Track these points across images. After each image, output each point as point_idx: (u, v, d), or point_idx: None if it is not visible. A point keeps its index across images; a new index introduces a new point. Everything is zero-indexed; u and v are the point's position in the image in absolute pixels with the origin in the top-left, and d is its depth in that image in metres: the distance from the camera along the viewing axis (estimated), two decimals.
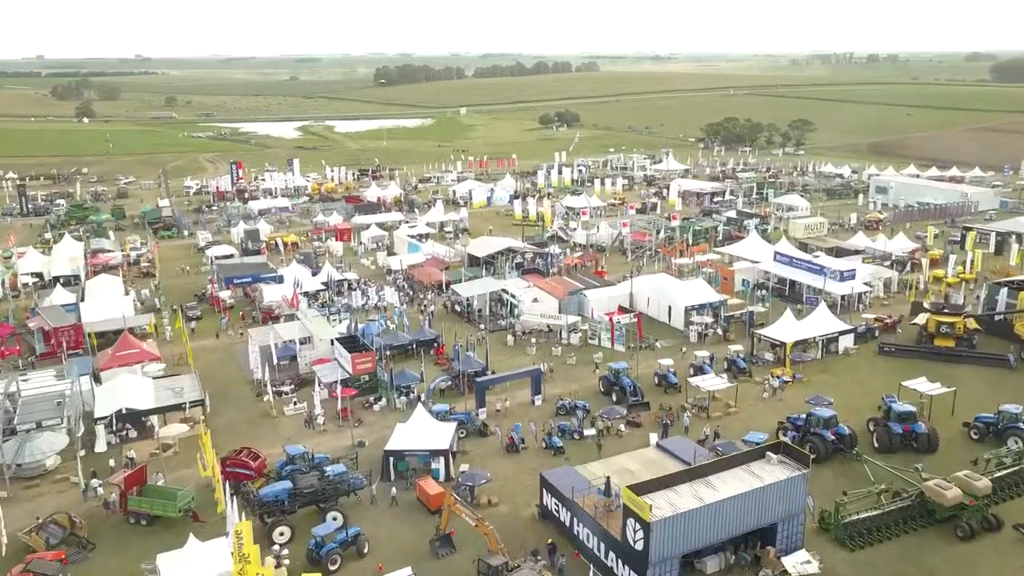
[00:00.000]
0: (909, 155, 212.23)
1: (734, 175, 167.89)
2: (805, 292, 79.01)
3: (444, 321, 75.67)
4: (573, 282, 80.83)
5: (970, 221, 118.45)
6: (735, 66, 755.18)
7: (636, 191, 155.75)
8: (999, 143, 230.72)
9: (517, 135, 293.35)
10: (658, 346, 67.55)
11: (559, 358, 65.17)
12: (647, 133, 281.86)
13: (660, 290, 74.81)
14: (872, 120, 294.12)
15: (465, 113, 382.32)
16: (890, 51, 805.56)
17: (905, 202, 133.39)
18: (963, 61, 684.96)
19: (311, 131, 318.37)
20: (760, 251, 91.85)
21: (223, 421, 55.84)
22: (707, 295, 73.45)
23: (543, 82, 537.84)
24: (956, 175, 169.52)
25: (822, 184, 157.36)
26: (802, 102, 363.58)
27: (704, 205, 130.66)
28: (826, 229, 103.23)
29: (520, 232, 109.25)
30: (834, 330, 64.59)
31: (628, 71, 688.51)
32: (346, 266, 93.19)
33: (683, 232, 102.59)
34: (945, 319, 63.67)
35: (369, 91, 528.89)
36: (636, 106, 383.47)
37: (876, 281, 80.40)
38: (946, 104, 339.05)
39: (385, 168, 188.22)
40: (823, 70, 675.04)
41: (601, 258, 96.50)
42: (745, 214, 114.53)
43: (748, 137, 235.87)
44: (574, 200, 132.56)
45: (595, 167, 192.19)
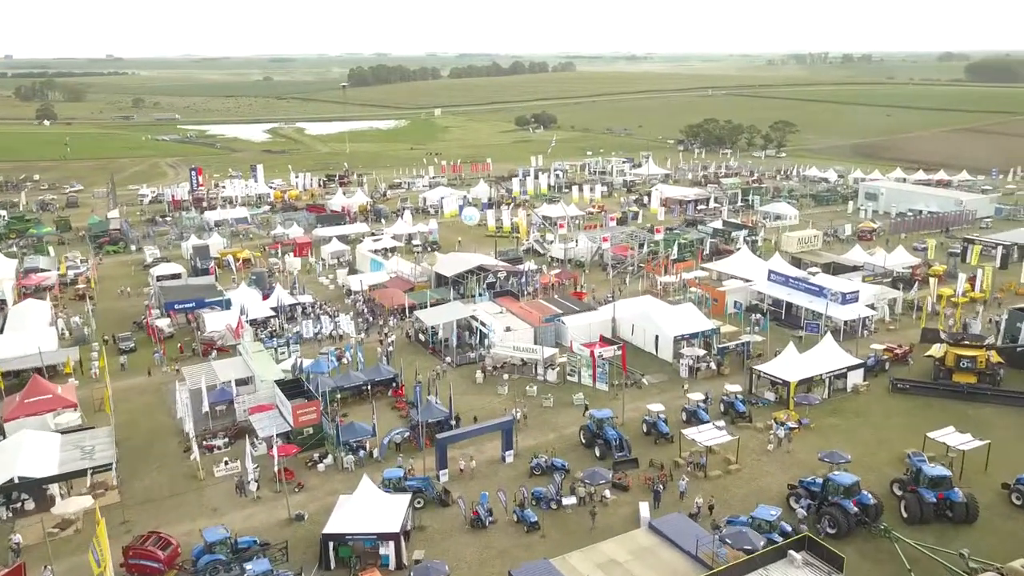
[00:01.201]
0: (893, 157, 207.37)
1: (717, 180, 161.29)
2: (804, 316, 72.13)
3: (406, 353, 67.84)
4: (550, 306, 73.28)
5: (966, 231, 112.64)
6: (711, 66, 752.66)
7: (615, 198, 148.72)
8: (982, 145, 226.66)
9: (493, 137, 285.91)
10: (645, 383, 60.22)
11: (534, 399, 57.59)
12: (625, 135, 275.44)
13: (646, 316, 67.49)
14: (852, 121, 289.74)
15: (440, 114, 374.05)
16: (863, 51, 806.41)
17: (897, 209, 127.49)
18: (936, 61, 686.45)
19: (281, 134, 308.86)
20: (751, 268, 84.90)
21: (142, 485, 47.72)
22: (697, 322, 66.19)
23: (519, 82, 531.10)
24: (943, 178, 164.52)
25: (808, 189, 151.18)
26: (781, 102, 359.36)
27: (688, 214, 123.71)
28: (820, 242, 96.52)
29: (493, 245, 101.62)
30: (842, 365, 57.53)
31: (604, 71, 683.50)
32: (300, 287, 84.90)
33: (667, 246, 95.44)
34: (965, 352, 56.86)
35: (343, 92, 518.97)
36: (613, 107, 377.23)
37: (880, 303, 73.61)
38: (924, 104, 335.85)
39: (353, 173, 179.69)
40: (799, 70, 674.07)
41: (580, 275, 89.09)
42: (733, 225, 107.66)
43: (729, 139, 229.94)
44: (551, 209, 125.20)
45: (573, 171, 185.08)
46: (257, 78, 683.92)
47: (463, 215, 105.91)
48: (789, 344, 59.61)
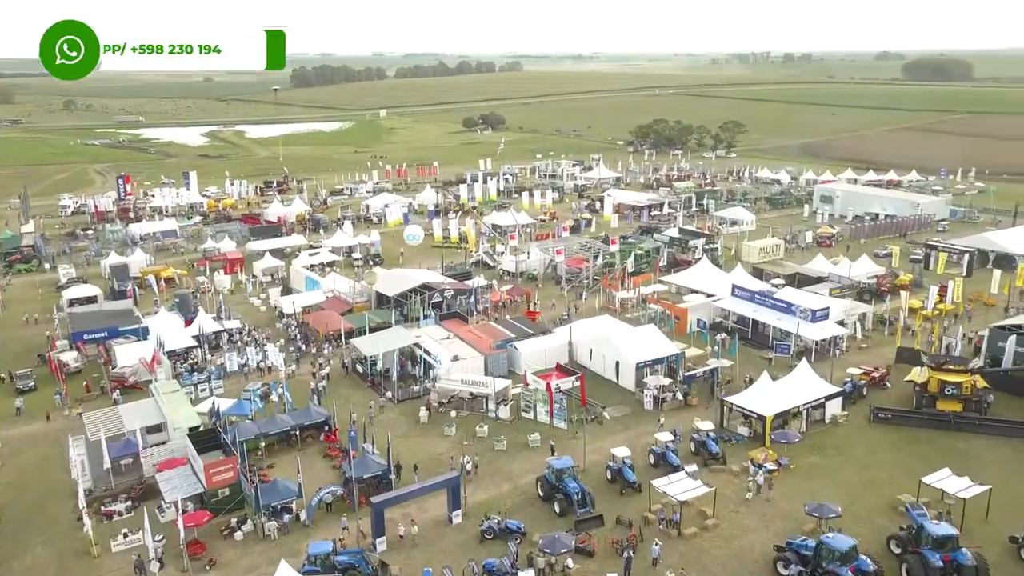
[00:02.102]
0: (841, 157, 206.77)
1: (670, 183, 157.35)
2: (772, 335, 67.60)
3: (342, 386, 61.35)
4: (501, 329, 67.37)
5: (924, 235, 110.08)
6: (657, 65, 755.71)
7: (567, 203, 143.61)
8: (925, 143, 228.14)
9: (440, 139, 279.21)
10: (607, 417, 54.80)
11: (485, 442, 51.65)
12: (575, 136, 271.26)
13: (605, 340, 62.10)
14: (799, 120, 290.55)
15: (385, 116, 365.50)
16: (804, 50, 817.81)
17: (853, 212, 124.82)
18: (874, 60, 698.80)
19: (219, 137, 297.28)
20: (713, 281, 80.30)
21: (21, 566, 40.49)
22: (661, 346, 60.99)
23: (467, 82, 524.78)
24: (894, 179, 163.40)
25: (762, 192, 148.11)
26: (728, 102, 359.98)
27: (642, 221, 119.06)
28: (783, 251, 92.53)
29: (439, 259, 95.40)
30: (820, 395, 52.86)
31: (552, 71, 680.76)
32: (226, 311, 77.49)
33: (623, 257, 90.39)
34: (950, 377, 52.66)
35: (286, 93, 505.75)
36: (562, 107, 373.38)
37: (850, 319, 69.47)
38: (866, 103, 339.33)
39: (292, 179, 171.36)
40: (743, 69, 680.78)
41: (533, 291, 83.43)
42: (690, 232, 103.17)
43: (679, 139, 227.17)
44: (500, 216, 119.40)
45: (522, 175, 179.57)
46: (197, 79, 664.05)
47: (406, 234, 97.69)
48: (763, 374, 54.66)
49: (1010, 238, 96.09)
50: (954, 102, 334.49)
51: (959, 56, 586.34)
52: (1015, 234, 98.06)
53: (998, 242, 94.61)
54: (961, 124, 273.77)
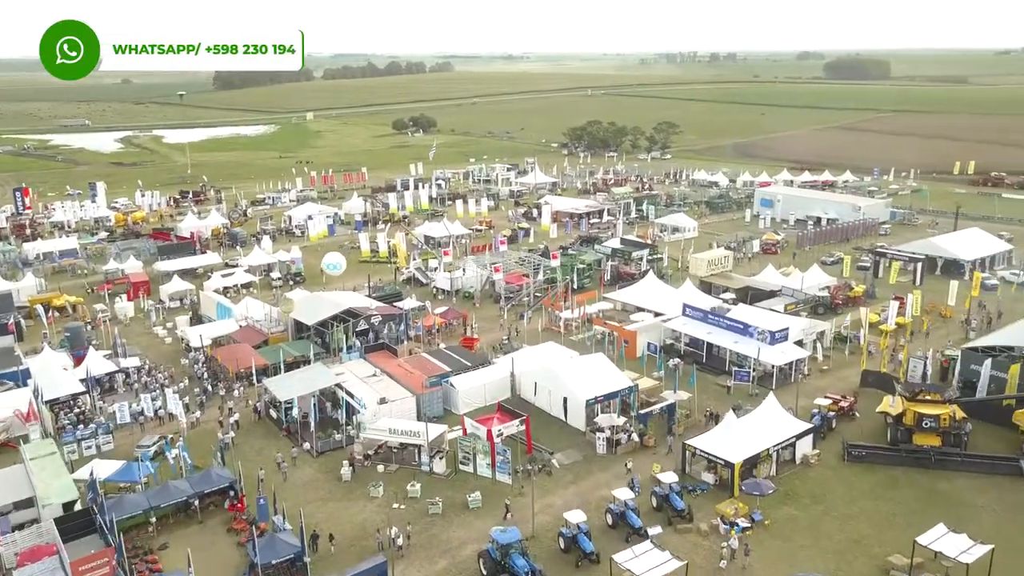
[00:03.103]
0: (774, 157, 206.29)
1: (607, 188, 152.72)
2: (729, 359, 62.65)
3: (253, 436, 53.83)
4: (436, 362, 60.63)
5: (867, 239, 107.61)
6: (588, 65, 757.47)
7: (503, 210, 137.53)
8: (854, 142, 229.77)
9: (369, 142, 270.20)
10: (556, 465, 48.70)
11: (418, 503, 44.94)
12: (508, 138, 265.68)
13: (551, 374, 56.01)
14: (730, 120, 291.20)
15: (312, 118, 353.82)
16: (729, 50, 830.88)
17: (795, 216, 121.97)
18: (795, 60, 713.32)
19: (135, 143, 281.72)
20: (661, 297, 75.26)
21: None
22: (612, 379, 55.21)
23: (396, 83, 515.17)
24: (829, 179, 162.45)
25: (700, 195, 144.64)
26: (659, 102, 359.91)
27: (581, 230, 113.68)
28: (731, 263, 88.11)
29: (367, 276, 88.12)
30: (789, 433, 47.78)
31: (483, 71, 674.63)
32: (124, 346, 68.73)
33: (565, 272, 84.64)
34: (928, 410, 48.19)
35: (209, 96, 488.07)
36: (494, 109, 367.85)
37: (808, 338, 65.03)
38: (792, 103, 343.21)
39: (210, 188, 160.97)
40: (671, 69, 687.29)
41: (470, 312, 76.92)
42: (633, 243, 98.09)
43: (613, 141, 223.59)
44: (433, 227, 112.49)
45: (455, 180, 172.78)
46: (115, 81, 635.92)
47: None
48: (728, 415, 49.31)
49: (956, 243, 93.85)
50: (877, 100, 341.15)
51: (876, 55, 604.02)
52: (960, 238, 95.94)
53: (945, 247, 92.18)
54: (886, 122, 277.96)
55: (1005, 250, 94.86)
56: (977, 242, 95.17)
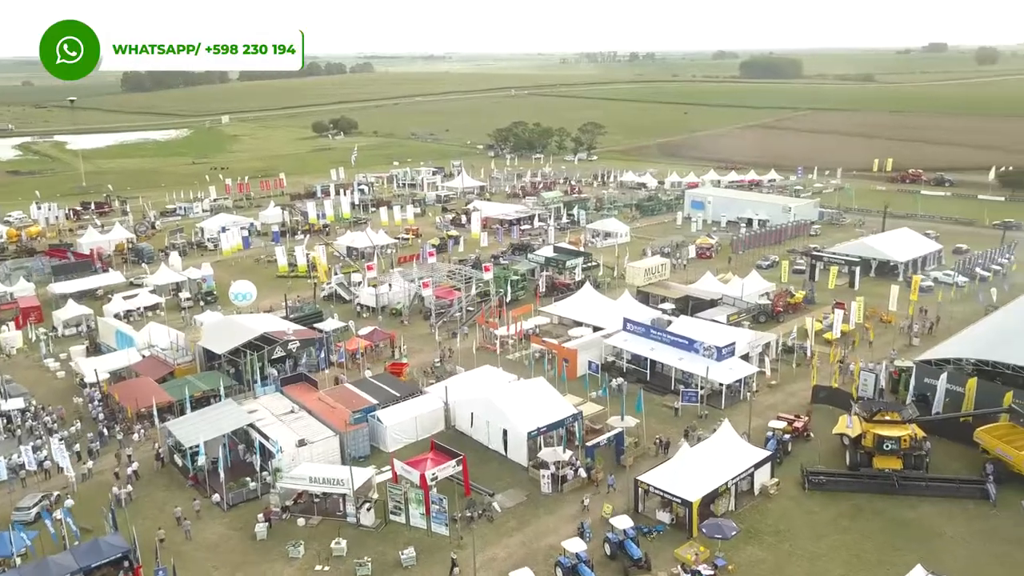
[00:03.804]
0: (699, 156, 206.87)
1: (536, 192, 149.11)
2: (674, 377, 59.36)
3: (155, 487, 47.70)
4: (361, 394, 55.35)
5: (799, 241, 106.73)
6: (510, 65, 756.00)
7: (430, 217, 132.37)
8: (777, 141, 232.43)
9: (288, 145, 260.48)
10: (497, 509, 44.22)
11: (344, 564, 39.81)
12: (432, 140, 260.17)
13: (488, 404, 51.44)
14: (653, 120, 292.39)
15: (228, 122, 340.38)
16: (647, 50, 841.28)
17: (726, 218, 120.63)
18: (711, 59, 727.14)
19: (34, 149, 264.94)
20: (598, 310, 71.63)
21: None
22: (554, 406, 51.09)
23: (316, 84, 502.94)
24: (755, 179, 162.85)
25: (630, 198, 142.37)
26: (582, 102, 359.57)
27: (512, 237, 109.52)
28: (668, 272, 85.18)
29: (286, 294, 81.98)
30: (748, 463, 44.46)
31: (405, 72, 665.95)
32: (7, 384, 61.11)
33: (499, 285, 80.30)
34: (889, 431, 45.60)
35: (116, 98, 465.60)
36: (417, 110, 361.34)
37: (754, 352, 62.30)
38: (712, 101, 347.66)
39: (114, 199, 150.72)
40: (592, 68, 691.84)
41: (398, 333, 71.76)
42: (567, 251, 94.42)
43: (539, 143, 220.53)
44: (356, 237, 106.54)
45: (379, 185, 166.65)
46: (15, 83, 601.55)
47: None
48: (682, 446, 45.67)
49: (888, 244, 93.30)
50: (792, 99, 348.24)
51: (788, 55, 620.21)
52: (892, 239, 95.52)
53: (878, 248, 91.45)
54: (803, 121, 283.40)
55: (935, 250, 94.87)
56: (908, 242, 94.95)
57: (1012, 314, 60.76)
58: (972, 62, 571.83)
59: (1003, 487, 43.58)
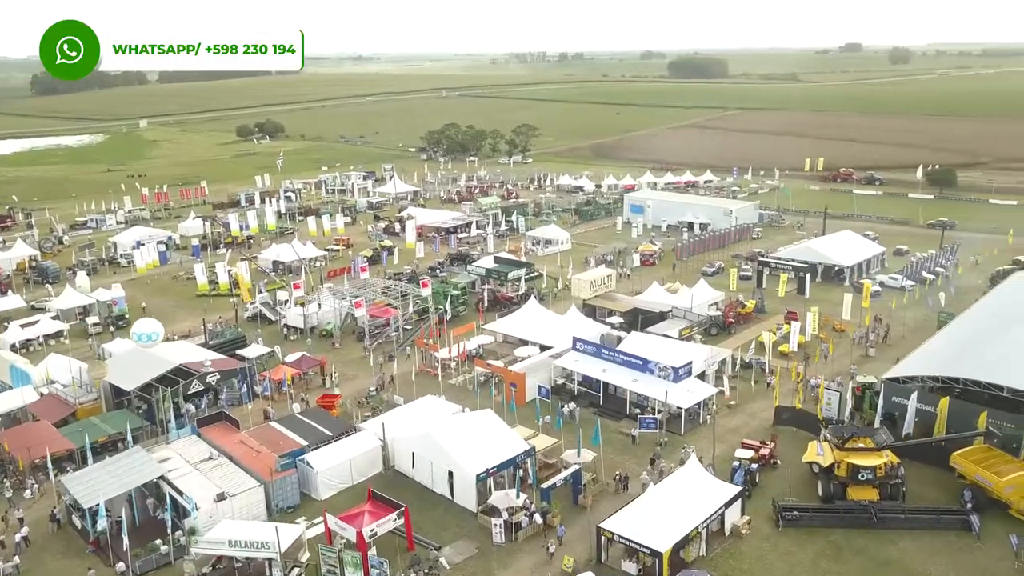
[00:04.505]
0: (634, 158, 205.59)
1: (473, 197, 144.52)
2: (629, 400, 55.61)
3: (50, 554, 41.48)
4: (288, 434, 49.82)
5: (742, 245, 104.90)
6: (439, 66, 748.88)
7: (362, 225, 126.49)
8: (709, 141, 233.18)
9: (210, 151, 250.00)
10: (444, 564, 39.55)
11: None
12: (362, 143, 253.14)
13: (431, 442, 46.61)
14: (585, 121, 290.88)
15: (146, 126, 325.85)
16: (576, 50, 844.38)
17: (667, 223, 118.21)
18: (639, 59, 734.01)
19: None
20: (545, 327, 67.54)
21: None
22: (505, 442, 46.59)
23: (240, 87, 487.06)
24: (691, 180, 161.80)
25: (568, 202, 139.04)
26: (514, 103, 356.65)
27: (450, 246, 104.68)
28: (614, 282, 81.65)
29: (212, 315, 75.53)
30: (718, 502, 40.79)
31: (333, 73, 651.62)
32: None
33: (439, 301, 75.46)
34: (865, 460, 42.60)
35: (25, 102, 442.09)
36: (346, 112, 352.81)
37: (710, 369, 59.07)
38: (642, 101, 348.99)
39: (18, 211, 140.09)
40: (522, 69, 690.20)
41: (328, 360, 66.20)
42: (508, 262, 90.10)
43: (472, 145, 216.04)
44: (283, 250, 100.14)
45: (307, 192, 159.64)
46: None
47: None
48: (648, 489, 41.64)
49: (833, 247, 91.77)
50: (720, 98, 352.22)
51: (713, 55, 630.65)
52: (836, 242, 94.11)
53: (823, 252, 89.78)
54: (733, 120, 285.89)
55: (878, 253, 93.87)
56: (852, 245, 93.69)
57: (973, 325, 58.46)
58: (886, 62, 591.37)
59: (985, 516, 41.01)
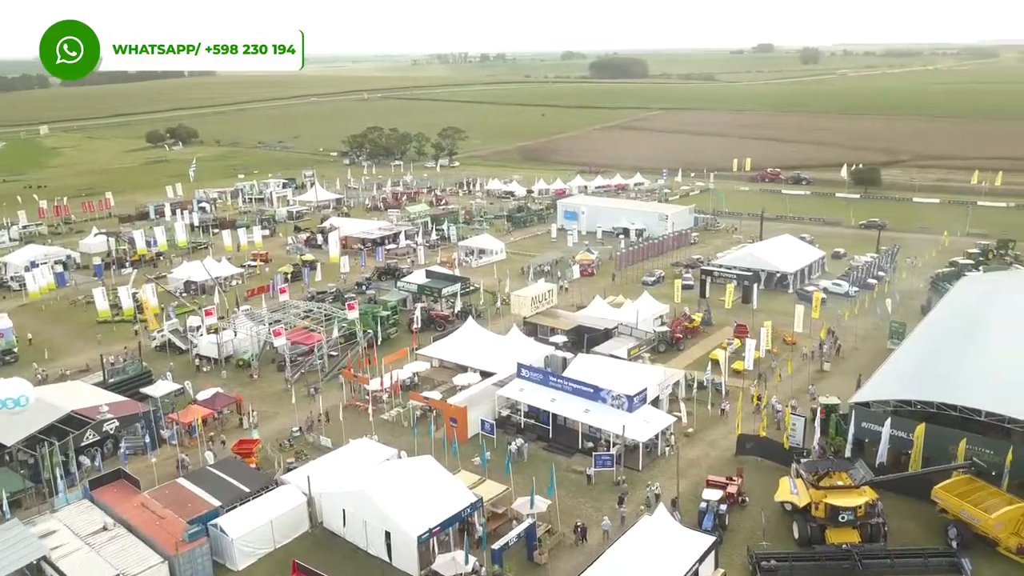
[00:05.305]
0: (562, 160, 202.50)
1: (399, 204, 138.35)
2: (581, 433, 51.07)
3: None
4: (197, 492, 43.40)
5: (683, 252, 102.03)
6: (360, 67, 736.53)
7: (281, 237, 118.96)
8: (636, 142, 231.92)
9: (118, 158, 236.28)
10: None
11: None
12: (281, 148, 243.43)
13: (365, 499, 40.94)
14: (511, 122, 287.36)
15: (47, 132, 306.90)
16: (498, 50, 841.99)
17: (602, 229, 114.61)
18: (560, 59, 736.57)
19: None
20: (486, 350, 62.53)
21: None
22: (448, 494, 41.36)
23: (151, 90, 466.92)
24: (621, 183, 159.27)
25: (500, 209, 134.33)
26: (437, 105, 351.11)
27: (377, 259, 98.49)
28: (555, 297, 77.09)
29: (102, 355, 67.76)
30: (690, 558, 36.47)
31: (249, 74, 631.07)
32: None
33: (367, 324, 69.55)
34: (842, 499, 39.01)
35: None
36: (264, 115, 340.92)
37: (664, 393, 55.12)
38: (568, 102, 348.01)
39: None
40: (444, 70, 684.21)
41: (245, 397, 59.60)
42: (442, 276, 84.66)
43: (397, 149, 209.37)
44: (195, 269, 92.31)
45: (223, 202, 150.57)
46: None
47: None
48: (614, 545, 37.02)
49: (774, 253, 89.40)
50: (643, 98, 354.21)
51: (632, 55, 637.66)
52: (777, 247, 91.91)
53: (765, 258, 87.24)
54: (658, 121, 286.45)
55: (818, 257, 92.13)
56: (793, 250, 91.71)
57: (934, 340, 55.53)
58: (797, 61, 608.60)
59: (973, 553, 37.97)
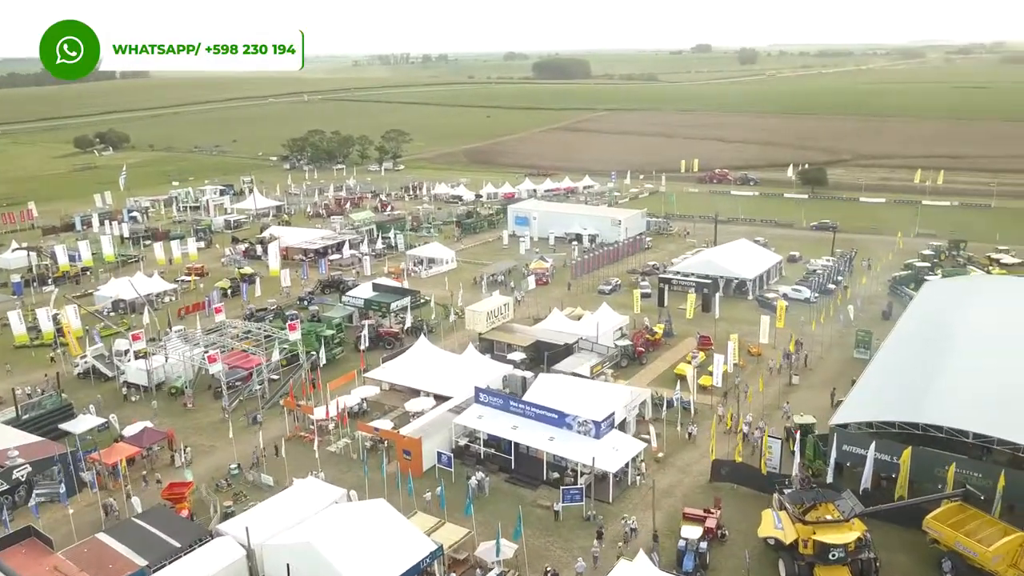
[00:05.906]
0: (508, 163, 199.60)
1: (343, 210, 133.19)
2: (546, 462, 47.54)
3: None
4: (121, 550, 38.46)
5: (638, 258, 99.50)
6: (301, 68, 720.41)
7: (219, 249, 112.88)
8: (583, 144, 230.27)
9: (44, 164, 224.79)
10: None
11: None
12: (218, 153, 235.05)
13: (311, 553, 36.64)
14: (455, 124, 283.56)
15: None
16: (439, 51, 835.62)
17: (554, 235, 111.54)
18: (503, 60, 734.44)
19: None
20: (440, 371, 58.67)
21: None
22: (404, 543, 37.35)
23: (80, 92, 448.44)
24: (571, 186, 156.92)
25: (448, 214, 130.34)
26: (380, 106, 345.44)
27: (320, 272, 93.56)
28: (512, 311, 73.40)
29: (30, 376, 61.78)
30: None
31: (183, 75, 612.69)
32: None
33: (310, 346, 64.89)
34: (831, 536, 36.26)
35: None
36: (200, 119, 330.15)
37: (632, 415, 52.00)
38: (513, 104, 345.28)
39: None
40: (385, 71, 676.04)
41: (176, 432, 54.51)
42: (390, 289, 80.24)
43: (340, 152, 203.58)
44: (123, 286, 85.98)
45: (156, 211, 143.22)
46: None
47: None
48: None
49: (732, 258, 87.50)
50: (587, 99, 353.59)
51: (574, 56, 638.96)
52: (734, 252, 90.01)
53: (723, 264, 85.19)
54: (603, 121, 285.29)
55: (776, 262, 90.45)
56: (750, 256, 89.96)
57: (909, 355, 53.37)
58: (735, 62, 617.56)
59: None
